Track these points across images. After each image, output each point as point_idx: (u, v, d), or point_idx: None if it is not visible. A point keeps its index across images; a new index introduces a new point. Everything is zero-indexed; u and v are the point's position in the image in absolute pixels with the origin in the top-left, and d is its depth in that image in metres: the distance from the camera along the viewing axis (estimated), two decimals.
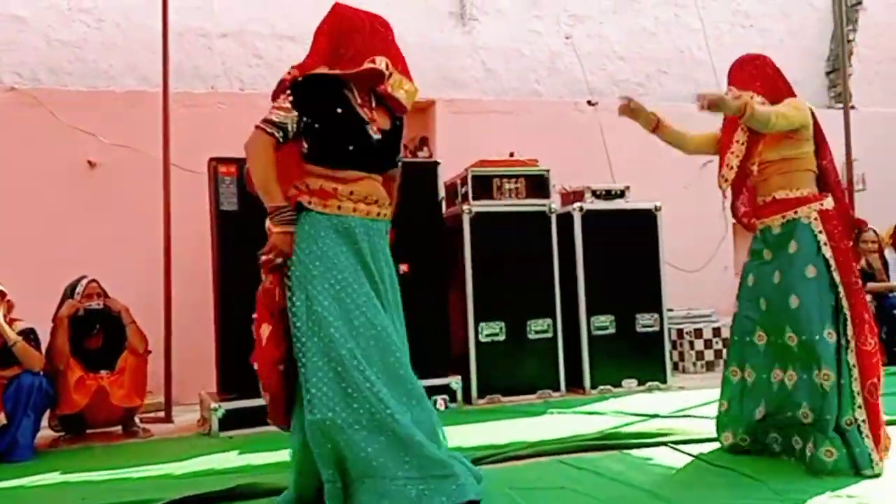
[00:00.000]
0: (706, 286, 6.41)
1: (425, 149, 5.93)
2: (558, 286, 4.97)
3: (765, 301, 3.04)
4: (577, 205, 5.10)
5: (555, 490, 2.75)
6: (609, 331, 5.05)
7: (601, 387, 4.96)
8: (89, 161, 5.25)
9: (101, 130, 5.25)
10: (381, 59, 2.49)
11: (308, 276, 2.39)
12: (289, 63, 2.61)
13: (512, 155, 5.21)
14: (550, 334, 4.93)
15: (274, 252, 2.40)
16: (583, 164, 5.93)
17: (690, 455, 3.18)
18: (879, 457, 2.76)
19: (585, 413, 4.28)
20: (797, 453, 2.92)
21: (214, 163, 4.40)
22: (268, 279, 2.44)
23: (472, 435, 3.75)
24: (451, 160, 5.14)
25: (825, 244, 2.89)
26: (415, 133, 6.10)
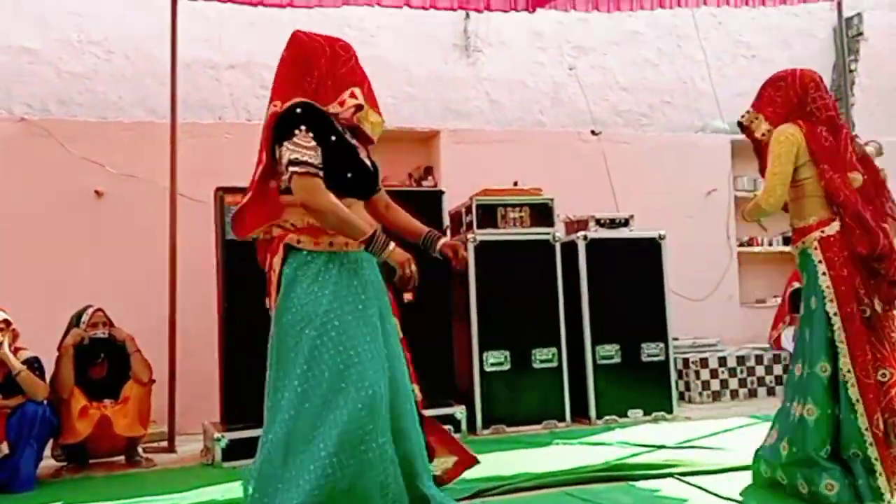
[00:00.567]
0: (711, 315, 6.39)
1: (430, 178, 5.96)
2: (563, 315, 4.95)
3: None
4: (582, 233, 5.11)
5: None
6: (614, 360, 5.03)
7: (607, 417, 4.93)
8: (97, 191, 5.29)
9: (109, 161, 5.30)
10: (357, 92, 2.45)
11: (300, 323, 2.31)
12: None
13: (516, 184, 5.23)
14: (555, 363, 4.91)
15: (409, 266, 2.36)
16: (587, 193, 5.96)
17: (697, 487, 3.15)
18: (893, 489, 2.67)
19: (591, 444, 4.24)
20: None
21: (221, 192, 4.43)
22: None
23: (477, 466, 3.71)
24: (455, 189, 5.17)
25: (823, 274, 2.83)
26: (420, 162, 6.15)
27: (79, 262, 5.12)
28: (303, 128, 2.33)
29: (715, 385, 5.78)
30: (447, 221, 4.96)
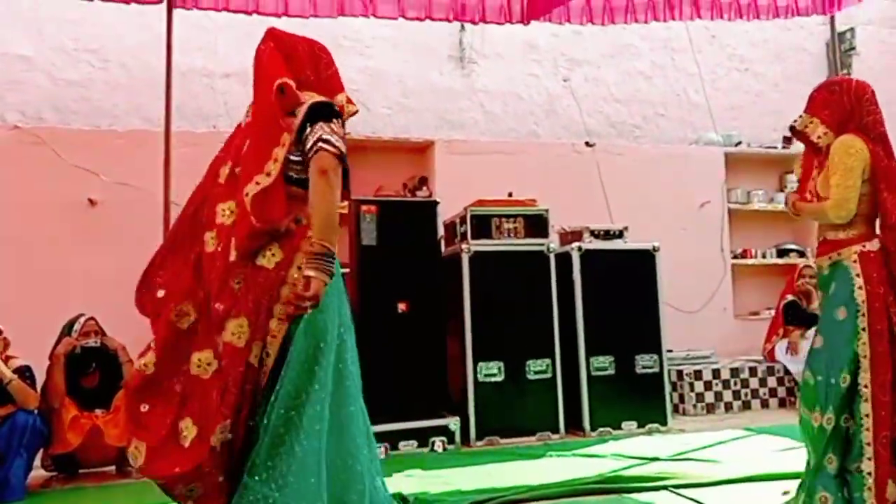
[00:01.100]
0: (705, 327, 6.40)
1: (424, 188, 5.96)
2: (557, 326, 4.95)
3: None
4: (576, 245, 5.11)
5: None
6: (608, 372, 5.02)
7: (601, 429, 4.91)
8: (90, 199, 5.27)
9: (102, 169, 5.29)
10: (345, 98, 2.45)
11: (322, 328, 2.26)
12: None
13: (511, 195, 5.24)
14: (549, 375, 4.90)
15: (313, 301, 2.15)
16: (581, 204, 5.97)
17: (691, 500, 3.14)
18: None
19: (585, 456, 4.23)
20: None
21: None
22: (281, 327, 2.22)
23: (472, 478, 3.70)
24: (450, 200, 5.17)
25: (860, 288, 2.76)
26: (414, 172, 6.15)
27: (71, 270, 5.09)
28: (338, 120, 2.33)
29: (709, 397, 5.78)
30: (441, 232, 4.96)
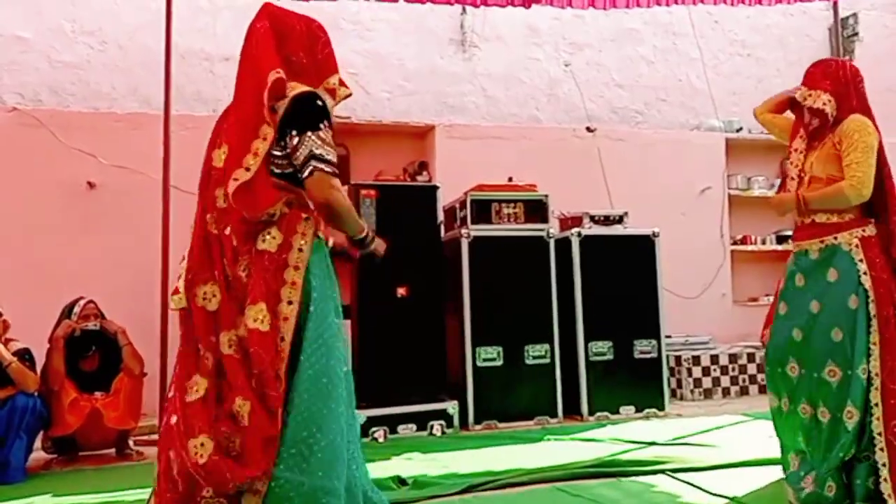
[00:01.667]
0: (704, 313, 6.41)
1: (424, 173, 5.95)
2: (556, 311, 4.95)
3: (799, 331, 2.82)
4: (576, 230, 5.11)
5: None
6: (607, 357, 5.04)
7: (599, 413, 4.93)
8: (89, 182, 5.26)
9: (101, 152, 5.27)
10: (339, 80, 2.38)
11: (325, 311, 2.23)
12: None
13: (511, 180, 5.23)
14: (548, 360, 4.91)
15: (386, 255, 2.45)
16: (581, 189, 5.96)
17: (688, 483, 3.15)
18: None
19: (583, 440, 4.25)
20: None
21: None
22: (291, 310, 2.17)
23: (469, 461, 3.72)
24: (450, 184, 5.16)
25: (865, 273, 2.69)
26: (414, 157, 6.13)
27: (70, 253, 5.09)
28: (326, 123, 2.21)
29: (707, 382, 5.80)
30: (441, 216, 4.95)
